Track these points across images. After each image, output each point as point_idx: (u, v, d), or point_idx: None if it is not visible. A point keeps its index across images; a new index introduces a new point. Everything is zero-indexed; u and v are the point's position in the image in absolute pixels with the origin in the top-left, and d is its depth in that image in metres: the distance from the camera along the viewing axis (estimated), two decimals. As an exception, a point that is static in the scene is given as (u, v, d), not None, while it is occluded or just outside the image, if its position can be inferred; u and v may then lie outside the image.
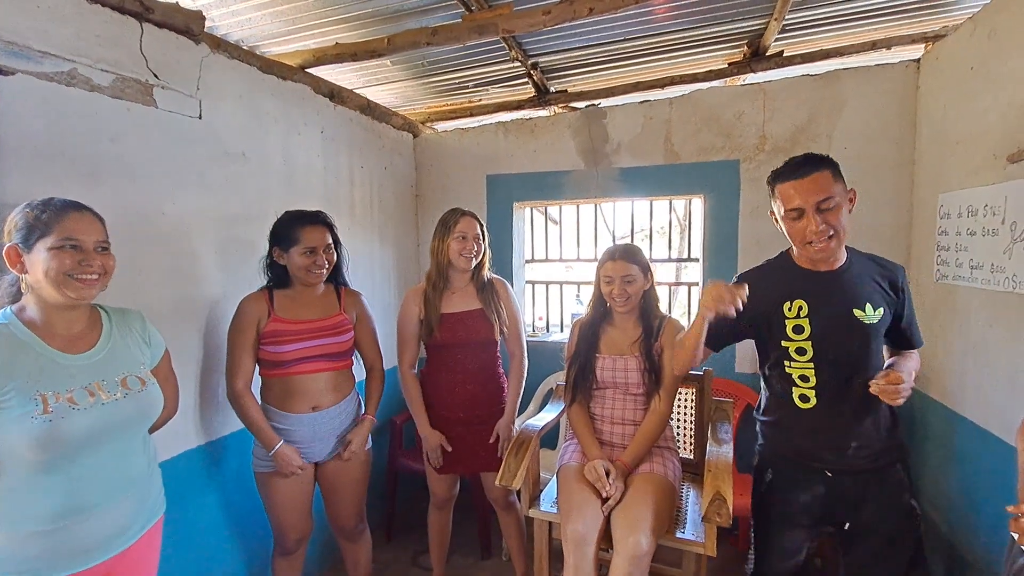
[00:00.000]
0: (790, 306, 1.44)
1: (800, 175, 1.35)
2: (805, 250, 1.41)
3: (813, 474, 1.45)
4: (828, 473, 1.43)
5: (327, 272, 1.74)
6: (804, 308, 1.42)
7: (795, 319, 1.43)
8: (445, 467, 1.99)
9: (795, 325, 1.43)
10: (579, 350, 1.83)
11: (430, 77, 2.60)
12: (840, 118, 2.35)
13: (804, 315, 1.42)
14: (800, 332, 1.43)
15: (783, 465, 1.51)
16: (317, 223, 1.72)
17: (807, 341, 1.42)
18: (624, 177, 2.68)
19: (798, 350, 1.43)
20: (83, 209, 1.08)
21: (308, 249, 1.67)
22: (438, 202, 3.02)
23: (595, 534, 1.53)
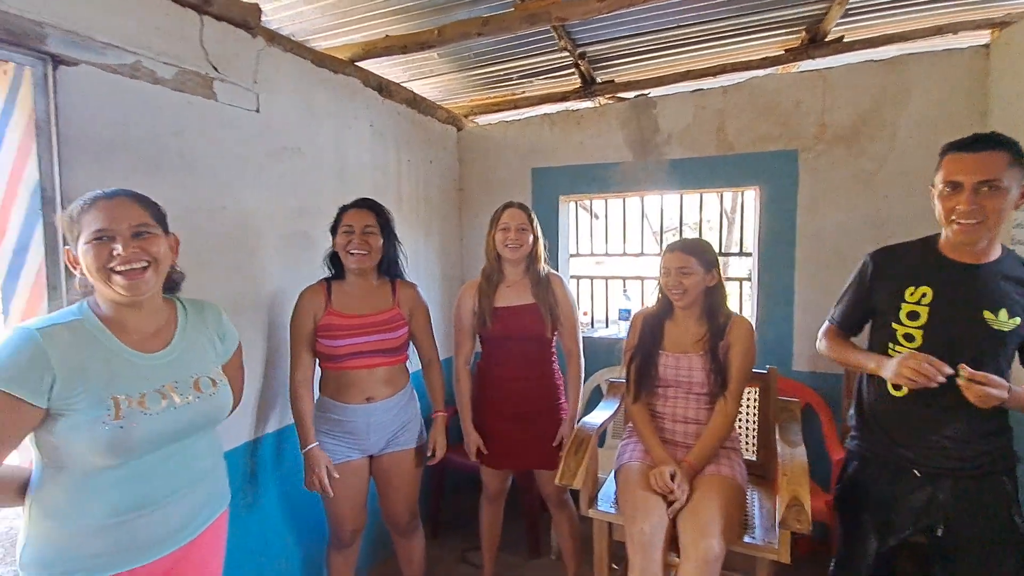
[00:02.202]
0: (914, 291, 1.35)
1: (972, 149, 1.25)
2: (948, 229, 1.30)
3: (901, 472, 1.37)
4: (916, 472, 1.35)
5: (369, 257, 1.69)
6: (928, 295, 1.33)
7: (914, 305, 1.35)
8: (496, 462, 1.97)
9: (911, 311, 1.35)
10: (641, 344, 1.78)
11: (475, 69, 2.57)
12: (906, 106, 2.23)
13: (926, 303, 1.33)
14: (915, 319, 1.34)
15: (871, 459, 1.44)
16: (360, 206, 1.72)
17: (919, 329, 1.33)
18: (674, 169, 2.61)
19: (906, 336, 1.35)
20: (116, 195, 1.00)
21: (346, 228, 1.68)
22: (482, 196, 2.99)
23: (662, 536, 1.48)
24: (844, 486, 1.49)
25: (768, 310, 2.48)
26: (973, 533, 1.31)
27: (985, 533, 1.30)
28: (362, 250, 1.67)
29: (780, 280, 2.45)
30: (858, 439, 1.48)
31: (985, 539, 1.31)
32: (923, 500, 1.35)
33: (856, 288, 1.49)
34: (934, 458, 1.33)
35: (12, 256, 1.23)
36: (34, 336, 0.93)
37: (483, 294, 1.93)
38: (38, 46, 1.18)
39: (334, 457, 1.70)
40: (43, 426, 0.95)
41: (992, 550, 1.30)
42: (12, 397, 0.90)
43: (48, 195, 1.21)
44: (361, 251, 1.67)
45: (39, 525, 0.98)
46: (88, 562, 0.98)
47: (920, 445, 1.34)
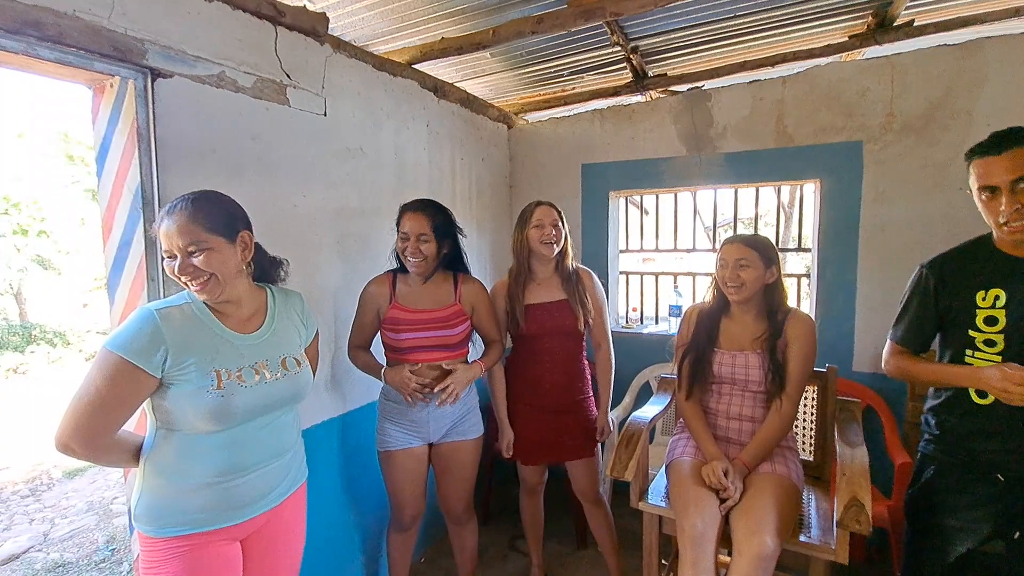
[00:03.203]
0: (984, 295, 1.31)
1: (997, 150, 1.23)
2: (1001, 232, 1.28)
3: (983, 478, 1.32)
4: (1001, 478, 1.30)
5: (424, 263, 1.72)
6: (1001, 298, 1.29)
7: (989, 309, 1.30)
8: (530, 456, 2.00)
9: (987, 316, 1.30)
10: (696, 340, 1.77)
11: (526, 67, 2.60)
12: (982, 92, 2.10)
13: (1000, 306, 1.29)
14: (993, 324, 1.30)
15: (949, 464, 1.39)
16: (415, 210, 1.73)
17: (999, 334, 1.29)
18: (729, 162, 2.56)
19: (987, 342, 1.31)
20: (174, 213, 1.09)
21: (403, 235, 1.73)
22: (532, 193, 3.02)
23: (715, 532, 1.48)
24: (917, 491, 1.44)
25: (828, 308, 2.41)
26: None
27: None
28: (416, 258, 1.71)
29: (841, 277, 2.36)
30: (935, 443, 1.43)
31: None
32: (1005, 506, 1.29)
33: (920, 302, 1.42)
34: (1019, 464, 1.28)
35: (117, 251, 1.38)
36: (153, 316, 1.08)
37: (513, 293, 1.95)
38: (140, 60, 1.31)
39: (396, 444, 1.79)
40: (158, 393, 1.10)
41: None
42: (135, 367, 1.04)
43: (147, 196, 1.34)
44: (415, 258, 1.71)
45: (152, 481, 1.13)
46: (192, 516, 1.12)
47: (1005, 451, 1.29)
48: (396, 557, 1.94)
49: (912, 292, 1.45)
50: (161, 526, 1.11)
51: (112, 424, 1.07)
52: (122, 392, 1.04)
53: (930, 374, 1.41)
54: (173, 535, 1.11)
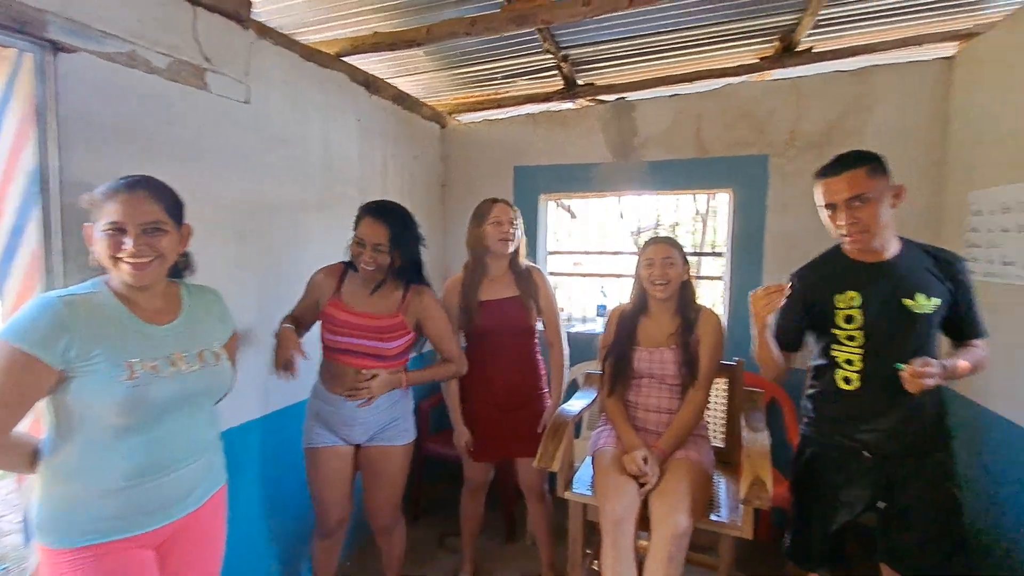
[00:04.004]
0: (842, 297, 1.47)
1: (833, 173, 1.41)
2: (843, 243, 1.47)
3: (854, 456, 1.49)
4: (867, 454, 1.47)
5: (376, 273, 1.65)
6: (857, 298, 1.46)
7: (847, 309, 1.47)
8: (482, 454, 2.03)
9: (847, 315, 1.47)
10: (617, 340, 1.86)
11: (460, 68, 2.63)
12: (872, 115, 2.36)
13: (857, 305, 1.46)
14: (851, 321, 1.46)
15: (823, 445, 1.56)
16: (376, 217, 1.64)
17: (859, 330, 1.45)
18: (653, 170, 2.71)
19: (848, 337, 1.47)
20: (137, 188, 1.06)
21: (358, 240, 1.65)
22: (465, 193, 3.05)
23: (633, 515, 1.57)
24: (800, 471, 1.60)
25: (739, 307, 2.60)
26: (918, 507, 1.43)
27: (929, 506, 1.43)
28: (369, 267, 1.64)
29: (750, 280, 2.56)
30: (812, 426, 1.60)
31: (929, 512, 1.43)
32: (874, 479, 1.47)
33: (788, 308, 1.56)
34: (883, 442, 1.45)
35: (8, 238, 1.25)
36: (55, 303, 1.00)
37: (468, 289, 1.97)
38: (39, 33, 1.20)
39: (320, 441, 1.74)
40: (58, 389, 1.01)
41: (935, 522, 1.43)
42: (30, 357, 0.96)
43: (46, 180, 1.23)
44: (368, 267, 1.65)
45: (53, 488, 1.04)
46: (101, 524, 1.04)
47: (870, 431, 1.46)
48: (320, 563, 1.88)
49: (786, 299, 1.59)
50: (65, 536, 1.03)
51: (7, 422, 0.99)
52: (19, 385, 0.97)
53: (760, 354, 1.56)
54: (79, 545, 1.03)
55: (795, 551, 1.62)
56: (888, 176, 1.41)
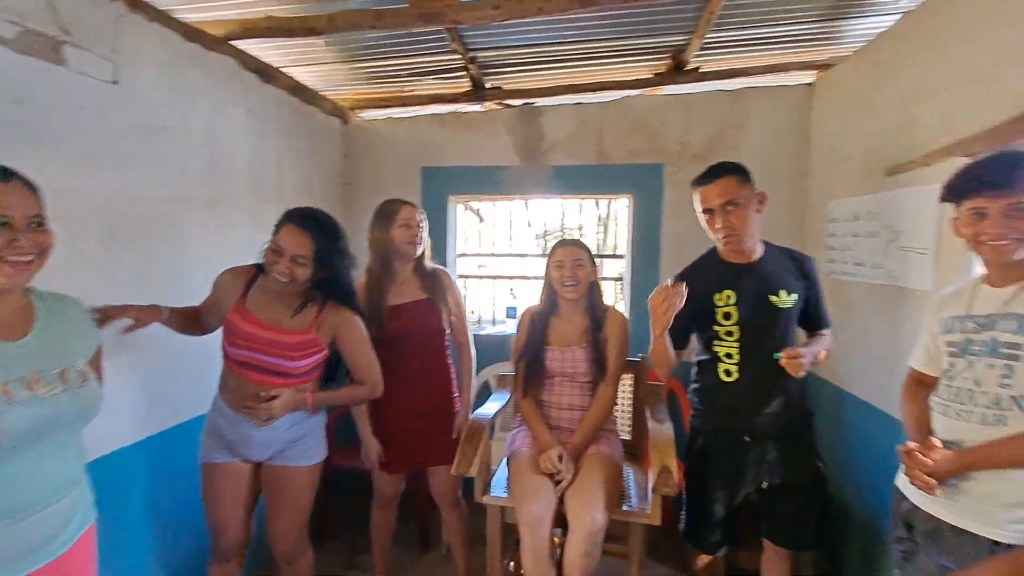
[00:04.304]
0: (720, 296, 1.62)
1: (709, 180, 1.58)
2: (720, 245, 1.63)
3: (736, 440, 1.64)
4: (747, 439, 1.62)
5: (291, 286, 1.50)
6: (732, 297, 1.61)
7: (725, 307, 1.62)
8: (395, 465, 1.94)
9: (725, 312, 1.62)
10: (530, 341, 1.88)
11: (363, 62, 2.51)
12: (748, 131, 2.63)
13: (733, 303, 1.61)
14: (729, 318, 1.61)
15: (711, 433, 1.70)
16: (301, 226, 1.48)
17: (735, 326, 1.61)
18: (558, 175, 2.79)
19: (727, 332, 1.62)
20: (11, 177, 0.94)
21: (276, 247, 1.49)
22: (369, 192, 2.91)
23: (550, 515, 1.60)
24: (692, 460, 1.72)
25: (638, 306, 2.75)
26: (792, 482, 1.61)
27: (800, 481, 1.61)
28: (284, 278, 1.48)
29: (648, 280, 2.72)
30: (700, 417, 1.74)
31: (800, 486, 1.61)
32: (755, 462, 1.63)
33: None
34: (761, 427, 1.62)
35: None
36: None
37: (374, 293, 1.88)
38: None
39: (214, 457, 1.57)
40: None
41: (805, 494, 1.62)
42: None
43: None
44: (283, 279, 1.48)
45: None
46: None
47: (750, 417, 1.62)
48: None
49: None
50: None
51: None
52: None
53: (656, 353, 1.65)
54: None
55: (691, 534, 1.75)
56: (753, 185, 1.59)
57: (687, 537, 1.78)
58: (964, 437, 1.21)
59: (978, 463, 1.16)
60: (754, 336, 1.60)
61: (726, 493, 1.67)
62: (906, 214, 1.81)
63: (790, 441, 1.63)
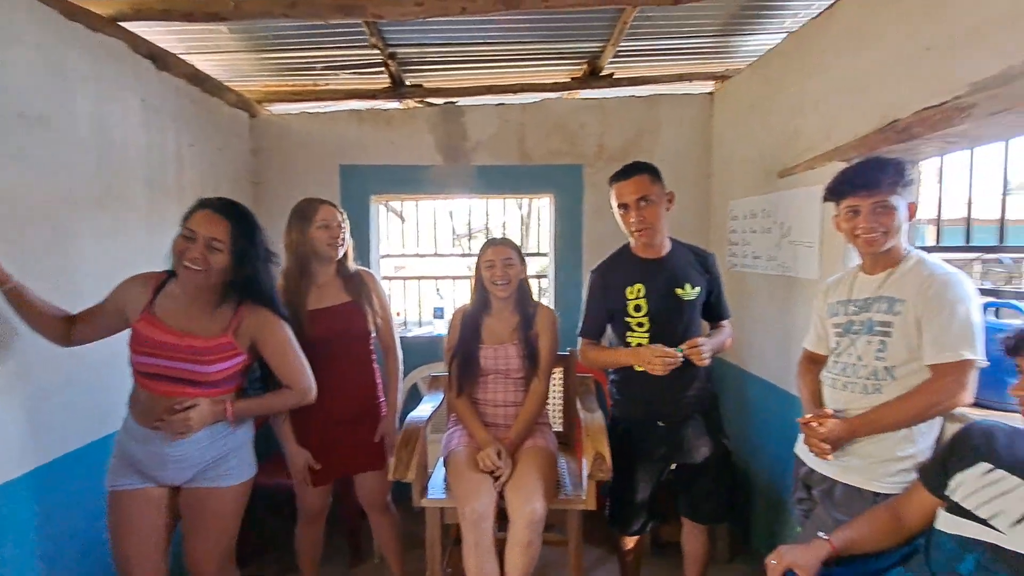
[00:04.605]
0: (631, 289, 1.74)
1: (624, 177, 1.71)
2: (633, 238, 1.76)
3: (651, 425, 1.77)
4: (660, 423, 1.76)
5: (205, 276, 1.37)
6: (642, 290, 1.73)
7: (635, 299, 1.74)
8: (323, 476, 1.84)
9: (635, 304, 1.74)
10: (462, 340, 1.89)
11: (272, 52, 2.37)
12: (659, 135, 2.81)
13: (642, 296, 1.73)
14: (639, 310, 1.74)
15: (628, 421, 1.81)
16: (215, 211, 1.38)
17: (645, 317, 1.73)
18: (481, 175, 2.81)
19: (638, 324, 1.75)
20: None
21: (188, 233, 1.36)
22: (282, 191, 2.75)
23: (492, 510, 1.62)
24: (614, 447, 1.80)
25: (562, 302, 2.85)
26: (703, 460, 1.76)
27: (710, 457, 1.76)
28: (197, 265, 1.35)
29: (571, 277, 2.83)
30: (618, 408, 1.86)
31: (710, 461, 1.76)
32: (668, 442, 1.76)
33: (592, 301, 1.85)
34: (673, 411, 1.75)
35: None
36: None
37: (292, 297, 1.77)
38: None
39: (123, 483, 1.42)
40: None
41: (715, 472, 1.77)
42: None
43: None
44: (196, 267, 1.35)
45: None
46: None
47: (663, 404, 1.75)
48: None
49: (589, 293, 1.86)
50: None
51: None
52: None
53: (608, 356, 1.82)
54: None
55: (617, 519, 1.86)
56: (663, 184, 1.73)
57: (613, 523, 1.88)
58: (850, 406, 1.40)
59: (861, 428, 1.35)
60: (662, 327, 1.72)
61: (646, 477, 1.79)
62: (795, 212, 2.03)
63: (698, 423, 1.77)
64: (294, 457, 1.80)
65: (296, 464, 1.81)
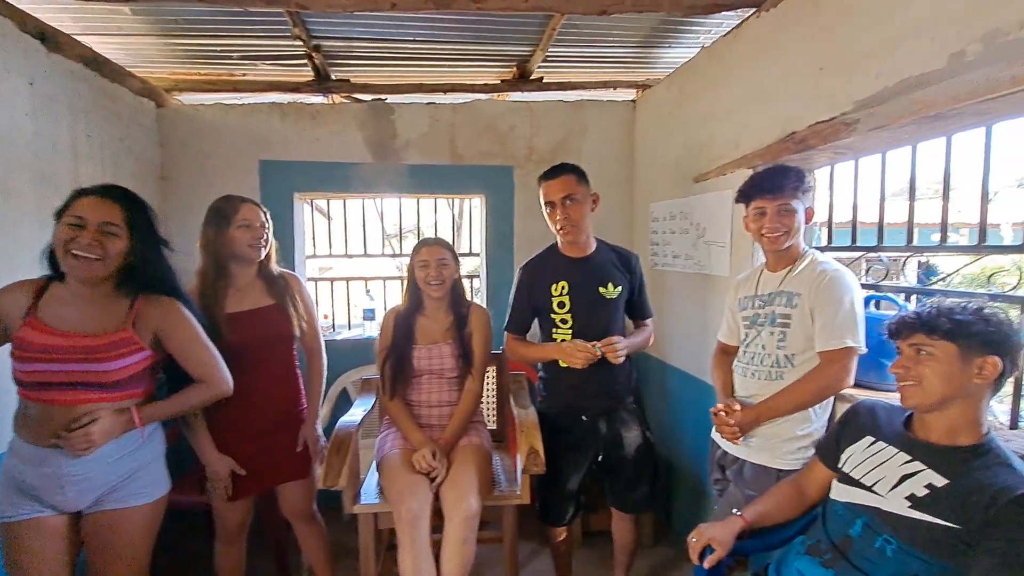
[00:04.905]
0: (555, 287, 1.81)
1: (552, 177, 1.78)
2: (560, 236, 1.82)
3: (575, 419, 1.84)
4: (584, 417, 1.83)
5: (101, 266, 1.27)
6: (566, 287, 1.81)
7: (559, 296, 1.81)
8: (244, 489, 1.74)
9: (559, 301, 1.81)
10: (396, 341, 1.86)
11: (182, 38, 2.22)
12: (585, 139, 2.91)
13: (566, 293, 1.81)
14: (563, 307, 1.81)
15: (554, 417, 1.87)
16: (102, 195, 1.29)
17: (568, 313, 1.81)
18: (412, 174, 2.78)
19: (562, 320, 1.82)
20: None
21: (75, 220, 1.25)
22: (193, 188, 2.58)
23: (427, 510, 1.61)
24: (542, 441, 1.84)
25: (494, 301, 2.87)
26: (626, 451, 1.85)
27: (631, 448, 1.86)
28: (92, 253, 1.24)
29: (503, 276, 2.86)
30: (545, 403, 1.92)
31: (632, 452, 1.86)
32: (593, 436, 1.84)
33: (518, 297, 1.90)
34: (595, 405, 1.83)
35: None
36: None
37: (208, 300, 1.67)
38: None
39: (16, 513, 1.27)
40: None
41: (638, 459, 1.87)
42: None
43: None
44: (90, 255, 1.24)
45: None
46: None
47: (587, 398, 1.82)
48: None
49: (516, 289, 1.92)
50: None
51: None
52: None
53: (532, 351, 1.89)
54: None
55: (547, 513, 1.92)
56: (589, 185, 1.82)
57: (543, 517, 1.93)
58: (757, 392, 1.53)
59: (765, 414, 1.49)
60: (585, 324, 1.79)
61: (573, 469, 1.85)
62: (709, 214, 2.19)
63: (621, 416, 1.86)
64: (215, 465, 1.68)
65: (219, 474, 1.68)
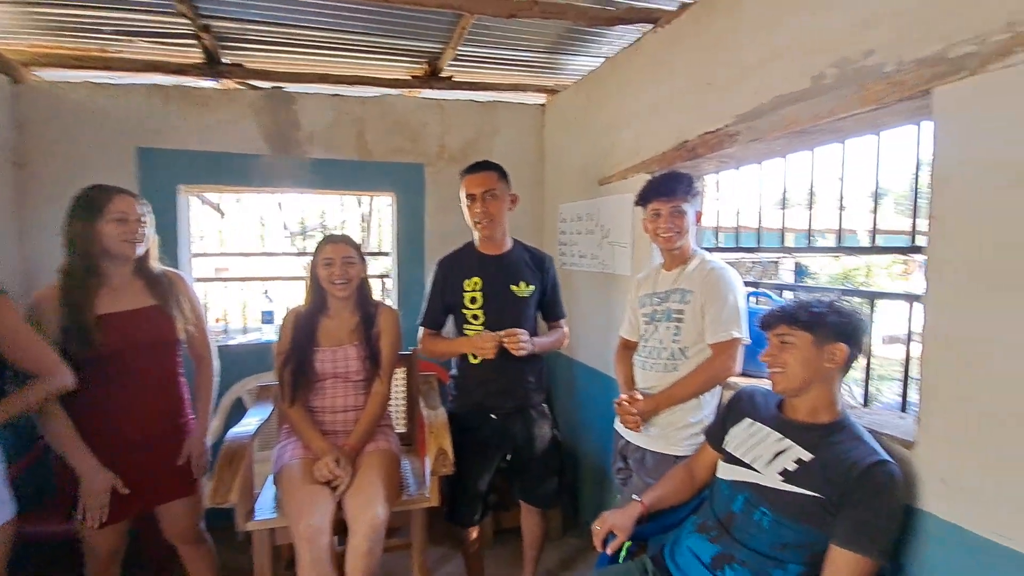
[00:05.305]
0: (468, 282, 1.83)
1: (475, 171, 1.83)
2: (476, 230, 1.84)
3: (485, 417, 1.85)
4: (493, 416, 1.85)
5: None
6: (479, 283, 1.83)
7: (472, 292, 1.83)
8: (117, 512, 1.54)
9: (471, 297, 1.83)
10: (296, 344, 1.76)
11: (41, 7, 1.95)
12: (497, 140, 2.93)
13: (479, 289, 1.83)
14: (475, 303, 1.83)
15: (464, 415, 1.88)
16: None
17: (480, 309, 1.83)
18: (317, 169, 2.64)
19: (474, 316, 1.83)
20: None
21: None
22: (55, 176, 2.28)
23: (329, 523, 1.53)
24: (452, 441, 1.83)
25: (406, 300, 2.82)
26: (535, 449, 1.89)
27: (540, 446, 1.90)
28: None
29: (414, 275, 2.81)
30: (455, 403, 1.92)
31: (540, 451, 1.90)
32: (502, 434, 1.86)
33: (433, 292, 1.91)
34: (505, 403, 1.86)
35: None
36: None
37: (76, 301, 1.48)
38: None
39: None
40: None
41: (546, 456, 1.91)
42: None
43: None
44: None
45: None
46: None
47: (494, 395, 1.85)
48: None
49: (432, 284, 1.92)
50: None
51: None
52: None
53: (445, 346, 1.90)
54: None
55: (456, 514, 1.91)
56: (509, 185, 1.86)
57: (451, 518, 1.92)
58: (655, 383, 1.62)
59: (663, 403, 1.58)
60: (496, 320, 1.81)
61: (482, 468, 1.86)
62: (612, 216, 2.29)
63: (529, 414, 1.89)
64: (91, 477, 1.48)
65: (96, 489, 1.48)
